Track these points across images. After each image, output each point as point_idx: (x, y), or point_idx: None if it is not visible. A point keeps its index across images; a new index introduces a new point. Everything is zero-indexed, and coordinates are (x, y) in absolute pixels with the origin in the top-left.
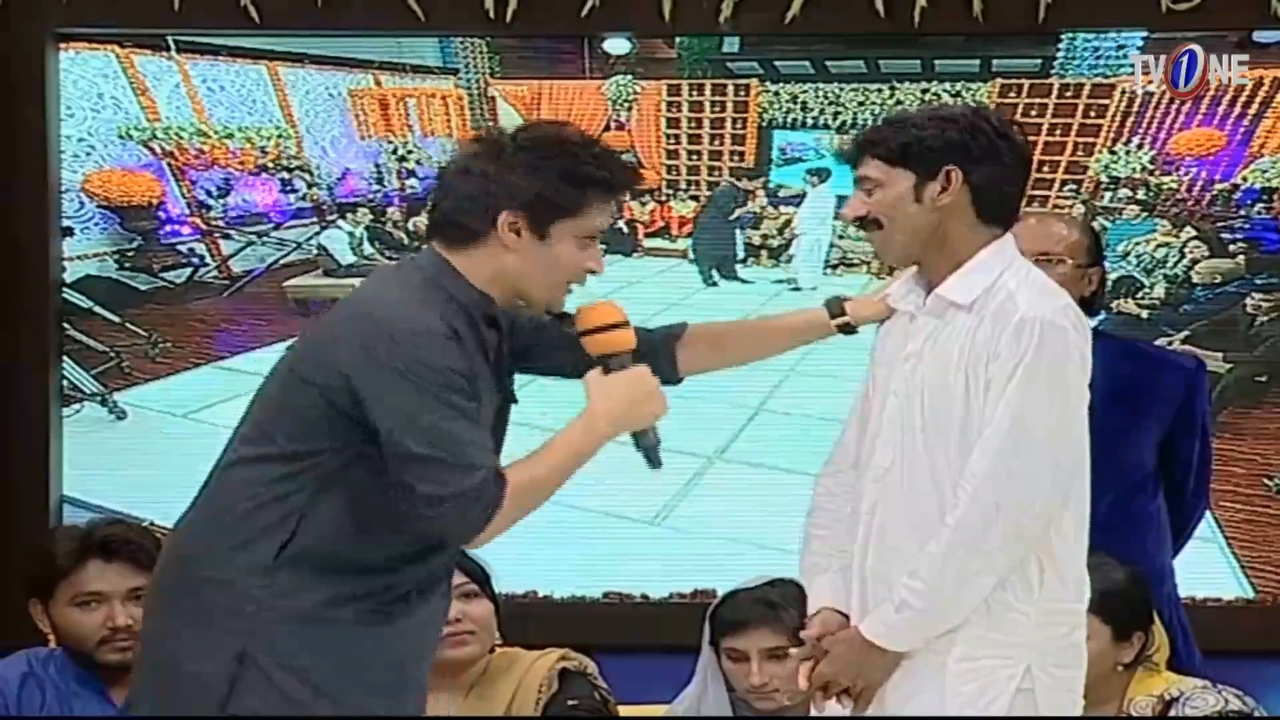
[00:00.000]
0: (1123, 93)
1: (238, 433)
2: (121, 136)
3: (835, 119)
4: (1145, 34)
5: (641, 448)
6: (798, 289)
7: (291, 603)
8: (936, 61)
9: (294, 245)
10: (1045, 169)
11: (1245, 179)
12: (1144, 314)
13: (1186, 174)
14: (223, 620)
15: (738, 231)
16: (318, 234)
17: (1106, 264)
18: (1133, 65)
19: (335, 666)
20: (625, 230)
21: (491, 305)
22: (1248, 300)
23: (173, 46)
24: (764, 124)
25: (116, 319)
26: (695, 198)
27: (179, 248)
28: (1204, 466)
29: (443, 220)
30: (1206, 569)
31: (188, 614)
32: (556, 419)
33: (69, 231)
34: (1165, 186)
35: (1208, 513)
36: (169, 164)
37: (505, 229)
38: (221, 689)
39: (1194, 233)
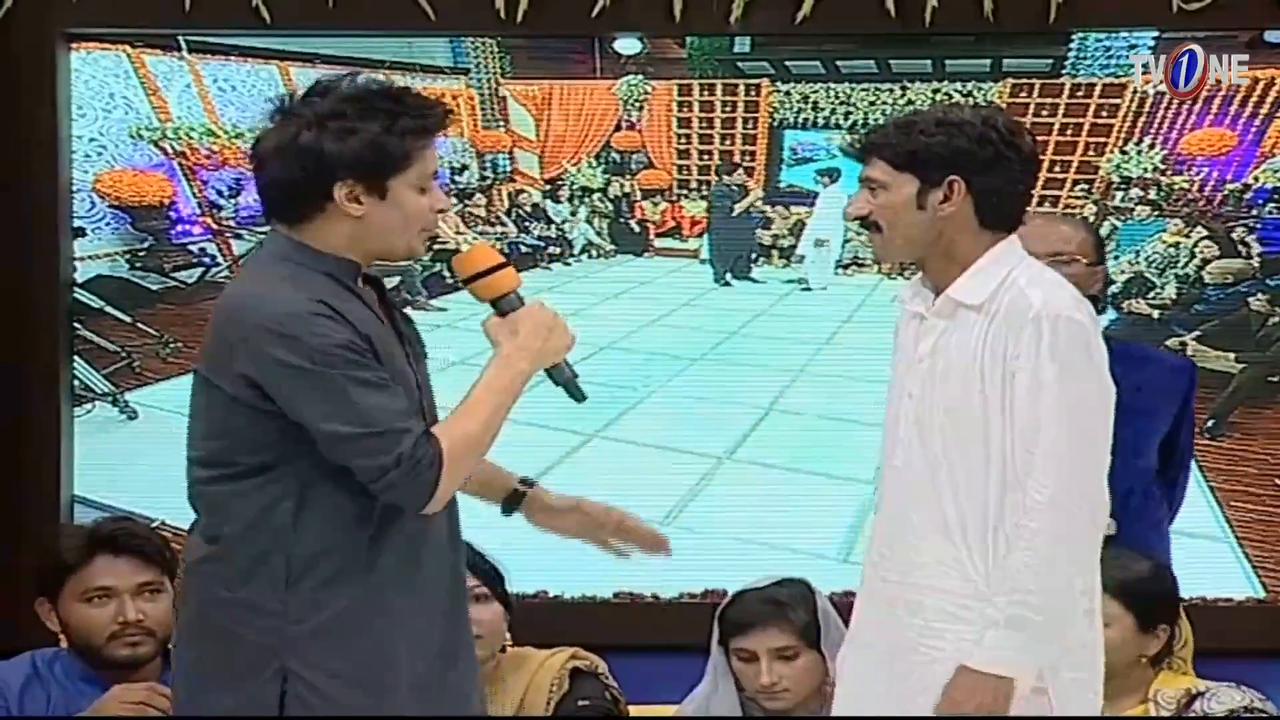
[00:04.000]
0: (1134, 92)
1: (192, 459)
2: (132, 136)
3: (846, 119)
4: (1156, 34)
5: (560, 383)
6: (808, 289)
7: (318, 615)
8: (947, 61)
9: None
10: (1056, 169)
11: (1256, 179)
12: (1155, 314)
13: (1198, 174)
14: (256, 641)
15: (752, 230)
16: None
17: (1123, 263)
18: (1135, 66)
19: (375, 665)
20: (636, 230)
21: (357, 267)
22: (1259, 300)
23: (184, 46)
24: (775, 124)
25: (128, 319)
26: (706, 198)
27: (190, 248)
28: (1188, 460)
29: (276, 204)
30: (1217, 569)
31: (220, 640)
32: None
33: (80, 231)
34: (1176, 186)
35: (1219, 512)
36: (180, 164)
37: (344, 200)
38: (271, 709)
39: (1205, 232)
